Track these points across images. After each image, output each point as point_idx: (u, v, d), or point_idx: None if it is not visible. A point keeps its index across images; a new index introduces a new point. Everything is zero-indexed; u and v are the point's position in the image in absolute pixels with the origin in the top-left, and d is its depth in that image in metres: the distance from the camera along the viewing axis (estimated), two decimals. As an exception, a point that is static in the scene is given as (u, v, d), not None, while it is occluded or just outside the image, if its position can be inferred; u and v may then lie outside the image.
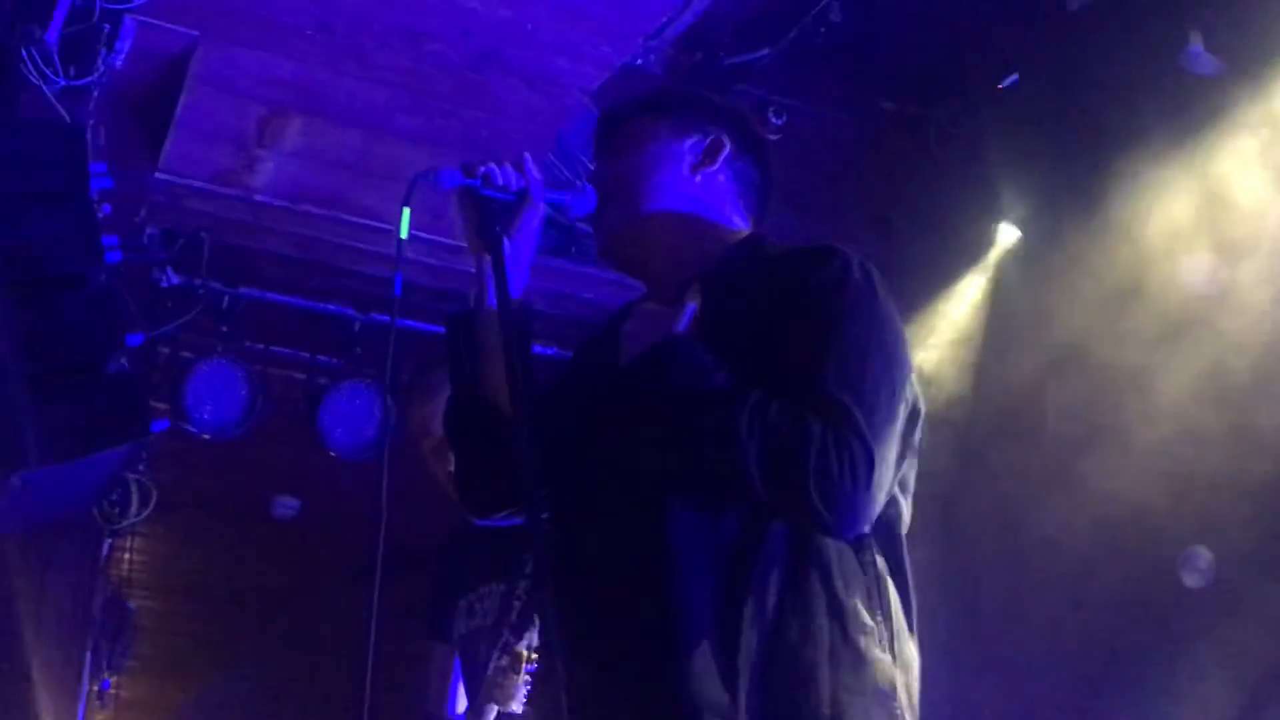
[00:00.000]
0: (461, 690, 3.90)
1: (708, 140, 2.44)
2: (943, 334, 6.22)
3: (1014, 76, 5.85)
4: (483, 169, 2.33)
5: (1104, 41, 5.33)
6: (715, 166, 2.42)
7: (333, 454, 5.90)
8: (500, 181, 2.33)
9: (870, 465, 2.03)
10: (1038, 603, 5.75)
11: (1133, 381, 5.36)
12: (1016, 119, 5.79)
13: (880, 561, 2.17)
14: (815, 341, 2.12)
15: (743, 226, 2.45)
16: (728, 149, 2.44)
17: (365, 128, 5.48)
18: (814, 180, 6.20)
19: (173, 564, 7.90)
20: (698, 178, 2.41)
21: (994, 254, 6.17)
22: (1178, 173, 5.22)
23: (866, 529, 2.11)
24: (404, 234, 2.30)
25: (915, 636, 2.21)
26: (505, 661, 3.32)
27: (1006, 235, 6.15)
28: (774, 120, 6.14)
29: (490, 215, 2.33)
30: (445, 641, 3.93)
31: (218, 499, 7.25)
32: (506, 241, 2.32)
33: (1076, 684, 5.68)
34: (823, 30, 5.69)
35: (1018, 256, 6.12)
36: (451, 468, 3.66)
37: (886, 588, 2.16)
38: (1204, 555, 5.33)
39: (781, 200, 6.37)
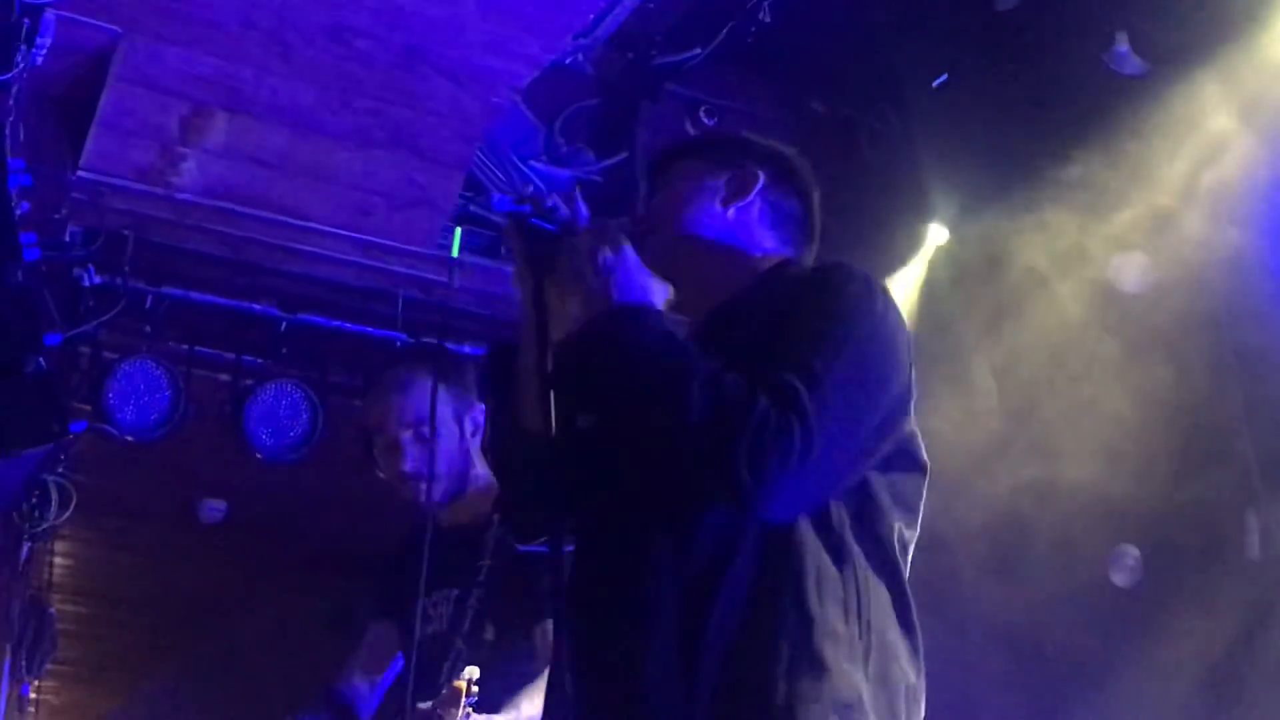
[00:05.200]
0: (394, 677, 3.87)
1: (742, 174, 2.49)
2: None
3: (944, 77, 5.87)
4: (531, 191, 2.35)
5: (1032, 41, 5.35)
6: (749, 199, 2.47)
7: (259, 456, 5.82)
8: (549, 205, 2.33)
9: (806, 451, 2.02)
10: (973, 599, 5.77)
11: (1061, 380, 5.39)
12: (947, 119, 5.81)
13: (866, 579, 2.16)
14: (793, 335, 2.16)
15: (780, 253, 2.48)
16: (761, 182, 2.48)
17: (291, 126, 5.42)
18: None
19: (96, 567, 7.80)
20: (730, 210, 2.46)
21: (924, 254, 6.19)
22: (1106, 172, 5.25)
23: (790, 515, 2.11)
24: (455, 252, 2.37)
25: (918, 665, 2.20)
26: (447, 693, 3.27)
27: (936, 235, 6.17)
28: (705, 120, 6.14)
29: (536, 244, 2.31)
30: (394, 619, 3.85)
31: (142, 502, 7.17)
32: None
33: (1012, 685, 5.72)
34: (753, 31, 5.69)
35: (947, 256, 6.14)
36: (403, 467, 3.65)
37: (868, 604, 2.14)
38: (1132, 553, 5.38)
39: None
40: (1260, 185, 5.10)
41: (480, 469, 3.79)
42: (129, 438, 5.62)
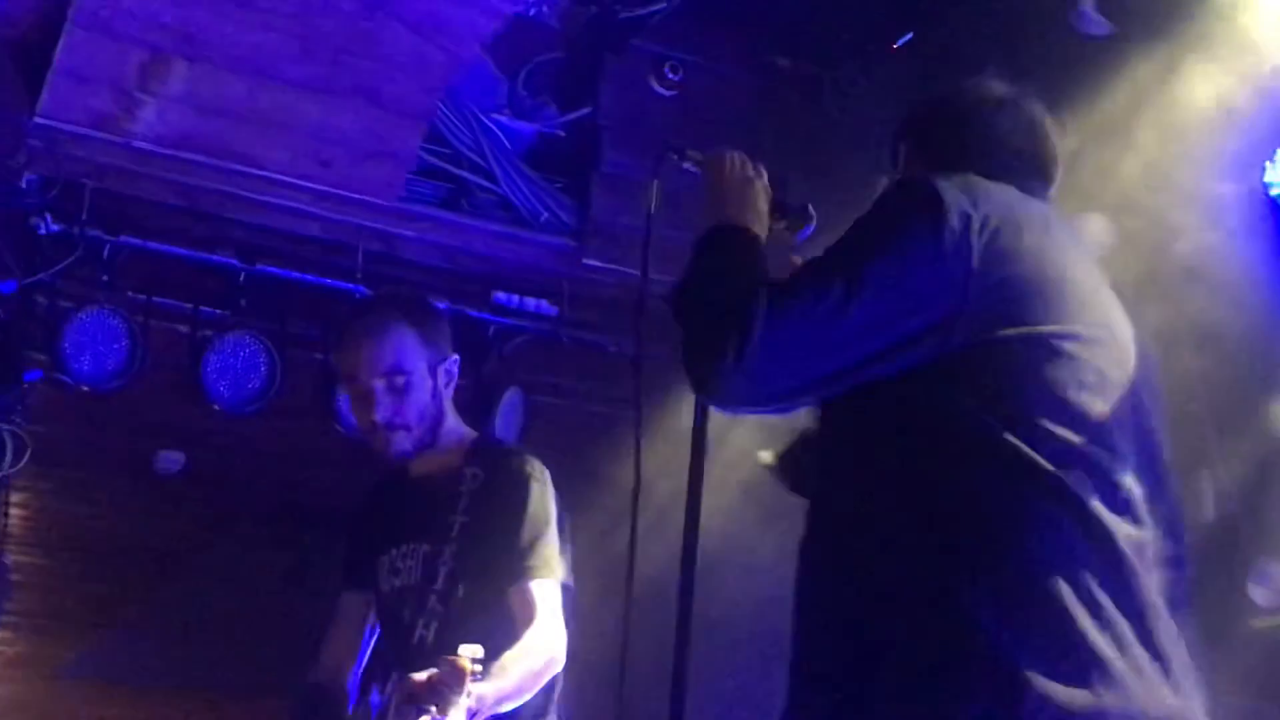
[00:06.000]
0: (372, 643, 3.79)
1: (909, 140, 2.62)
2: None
3: (909, 35, 5.85)
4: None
5: (997, 0, 5.35)
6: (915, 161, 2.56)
7: (216, 407, 5.79)
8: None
9: (743, 340, 2.10)
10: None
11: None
12: (911, 78, 5.80)
13: (990, 492, 2.08)
14: None
15: None
16: (905, 150, 2.60)
17: (251, 74, 5.37)
18: (710, 137, 6.12)
19: (53, 518, 7.74)
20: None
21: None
22: (1068, 133, 5.25)
23: (735, 408, 2.21)
24: (653, 206, 2.55)
25: (1106, 568, 2.04)
26: (447, 671, 3.15)
27: (899, 195, 6.15)
28: (670, 76, 6.11)
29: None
30: (365, 590, 3.77)
31: (99, 452, 7.12)
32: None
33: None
34: (720, -15, 5.66)
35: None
36: (375, 416, 3.54)
37: (990, 532, 2.06)
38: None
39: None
40: (1223, 150, 5.12)
41: (452, 421, 3.71)
42: (85, 388, 5.58)
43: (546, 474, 3.61)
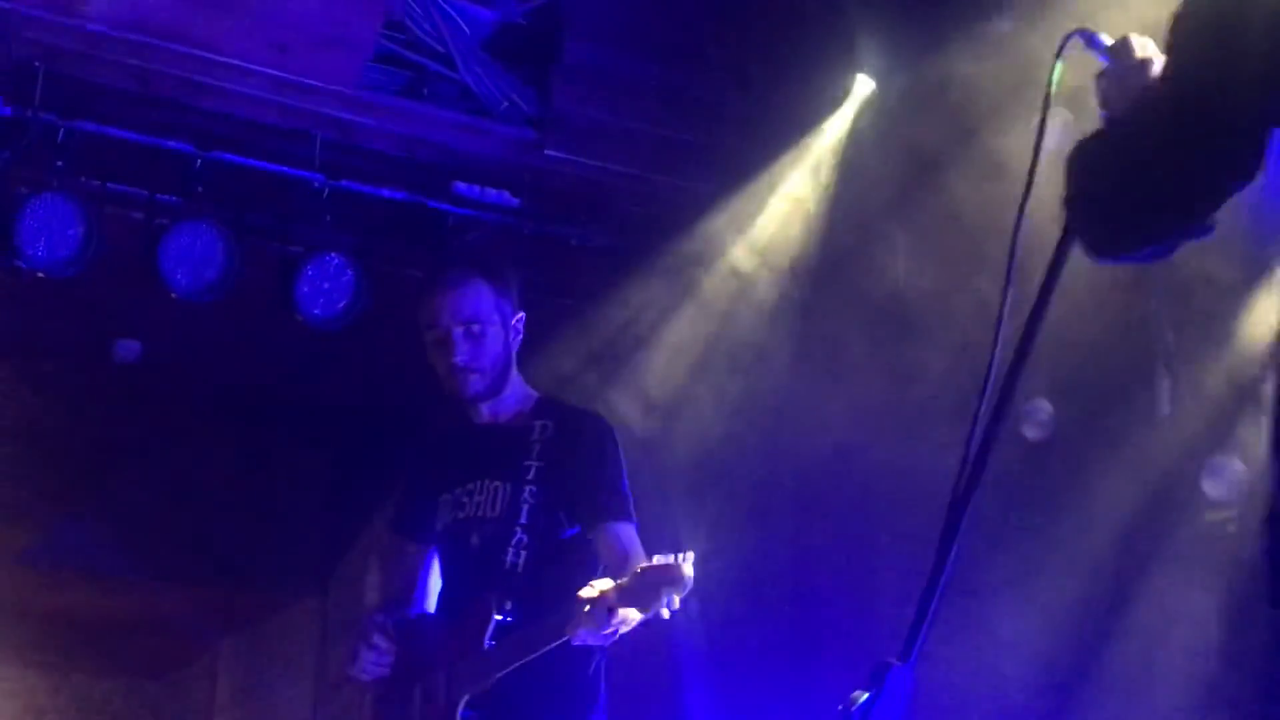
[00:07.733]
0: (434, 584, 4.02)
1: None
2: (796, 185, 6.22)
3: (875, -74, 5.79)
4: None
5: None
6: None
7: (174, 296, 5.74)
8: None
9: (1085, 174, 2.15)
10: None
11: (981, 232, 5.40)
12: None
13: None
14: None
15: None
16: None
17: (209, -43, 5.27)
18: (676, 26, 6.11)
19: (7, 407, 7.71)
20: None
21: (849, 106, 6.15)
22: (1027, 26, 5.22)
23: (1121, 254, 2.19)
24: (1054, 88, 2.45)
25: None
26: (660, 569, 3.31)
27: (862, 87, 6.12)
28: (635, -37, 6.03)
29: None
30: (416, 540, 4.06)
31: (55, 341, 7.07)
32: None
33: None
34: None
35: (873, 108, 6.10)
36: (454, 359, 3.82)
37: None
38: (1044, 407, 5.43)
39: (642, 46, 6.28)
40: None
41: (517, 375, 3.99)
42: (40, 274, 5.53)
43: (616, 432, 3.97)
